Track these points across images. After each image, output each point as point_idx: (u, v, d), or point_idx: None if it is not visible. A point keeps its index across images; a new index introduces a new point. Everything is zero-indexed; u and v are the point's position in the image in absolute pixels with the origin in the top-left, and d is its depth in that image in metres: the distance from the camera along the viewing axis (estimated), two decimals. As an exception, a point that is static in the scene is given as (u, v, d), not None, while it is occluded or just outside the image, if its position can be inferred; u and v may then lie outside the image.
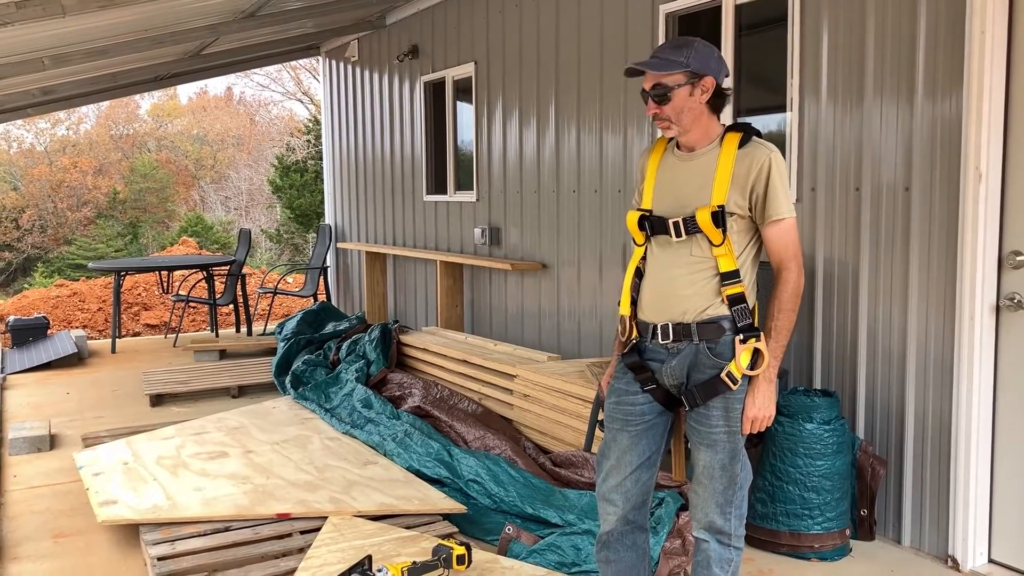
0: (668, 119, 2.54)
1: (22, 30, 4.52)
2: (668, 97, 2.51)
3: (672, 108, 2.52)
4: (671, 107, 2.52)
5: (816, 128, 4.10)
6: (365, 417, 5.40)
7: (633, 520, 2.71)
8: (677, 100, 2.52)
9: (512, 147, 6.47)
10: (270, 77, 27.50)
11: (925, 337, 3.67)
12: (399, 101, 8.24)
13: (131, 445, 4.98)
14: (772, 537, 3.72)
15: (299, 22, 7.60)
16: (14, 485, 4.76)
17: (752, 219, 2.53)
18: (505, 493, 4.08)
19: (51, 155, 27.96)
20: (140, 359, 8.32)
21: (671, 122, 2.54)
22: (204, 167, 30.05)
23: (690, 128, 2.55)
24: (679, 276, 2.55)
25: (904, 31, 3.67)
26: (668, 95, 2.51)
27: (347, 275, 9.76)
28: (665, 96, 2.51)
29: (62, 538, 4.02)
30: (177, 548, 3.60)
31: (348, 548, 3.54)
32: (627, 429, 2.66)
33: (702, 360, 2.52)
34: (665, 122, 2.55)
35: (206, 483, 4.32)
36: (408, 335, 6.72)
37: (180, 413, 6.14)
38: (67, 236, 25.02)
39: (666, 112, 2.53)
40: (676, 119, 2.54)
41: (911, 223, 3.69)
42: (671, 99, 2.52)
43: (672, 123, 2.54)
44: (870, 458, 3.79)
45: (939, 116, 3.56)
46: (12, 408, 6.47)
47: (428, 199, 7.81)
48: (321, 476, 4.43)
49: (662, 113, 2.53)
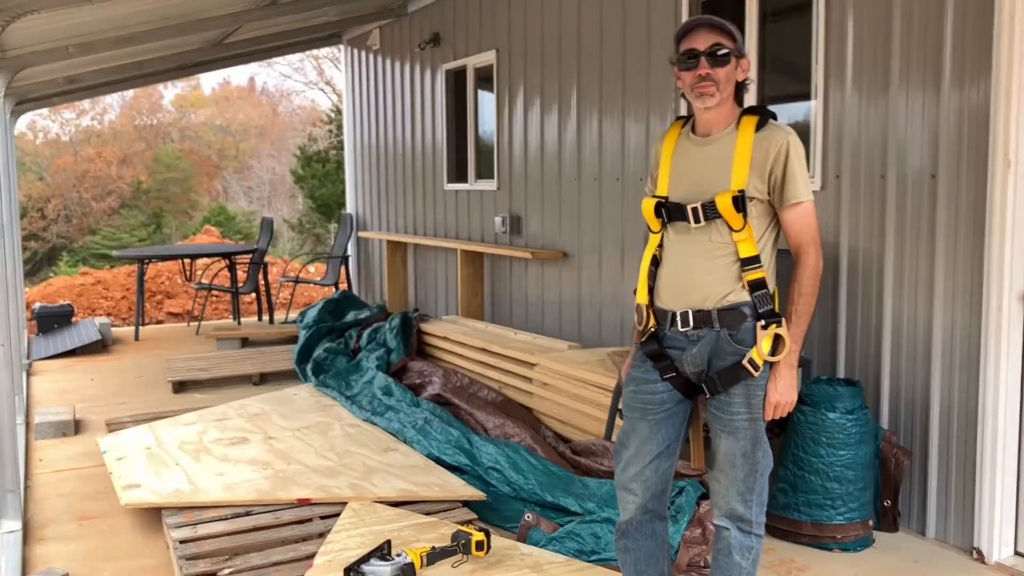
0: (717, 83, 2.47)
1: (48, 17, 4.55)
2: (726, 59, 2.47)
3: (725, 72, 2.47)
4: (724, 71, 2.47)
5: (841, 115, 4.05)
6: (385, 404, 5.41)
7: (652, 509, 2.70)
8: (729, 67, 2.48)
9: (533, 135, 6.45)
10: (292, 67, 27.56)
11: (951, 326, 3.62)
12: (420, 89, 8.24)
13: (154, 430, 5.03)
14: (794, 527, 3.70)
15: (321, 10, 7.61)
16: (40, 469, 4.82)
17: (770, 203, 2.50)
18: (524, 481, 4.07)
19: (76, 145, 28.20)
20: (163, 346, 8.40)
21: (718, 88, 2.47)
22: (227, 157, 30.20)
23: (723, 103, 2.51)
24: (699, 263, 2.52)
25: (931, 17, 3.61)
26: (728, 57, 2.47)
27: (368, 264, 9.79)
28: (725, 57, 2.46)
29: (86, 521, 4.07)
30: (199, 531, 3.64)
31: (368, 533, 3.55)
32: (646, 418, 2.64)
33: (723, 347, 2.50)
34: (712, 86, 2.46)
35: (228, 468, 4.35)
36: (428, 323, 6.73)
37: (202, 400, 6.19)
38: (92, 226, 25.24)
39: (719, 75, 2.46)
40: (722, 86, 2.48)
41: (937, 211, 3.64)
42: (727, 62, 2.47)
43: (718, 89, 2.47)
44: (894, 448, 3.75)
45: (967, 103, 3.50)
46: (38, 394, 6.55)
47: (449, 188, 7.80)
48: (341, 462, 4.45)
49: (714, 75, 2.46)
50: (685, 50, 2.50)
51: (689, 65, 2.49)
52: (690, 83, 2.50)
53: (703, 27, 2.49)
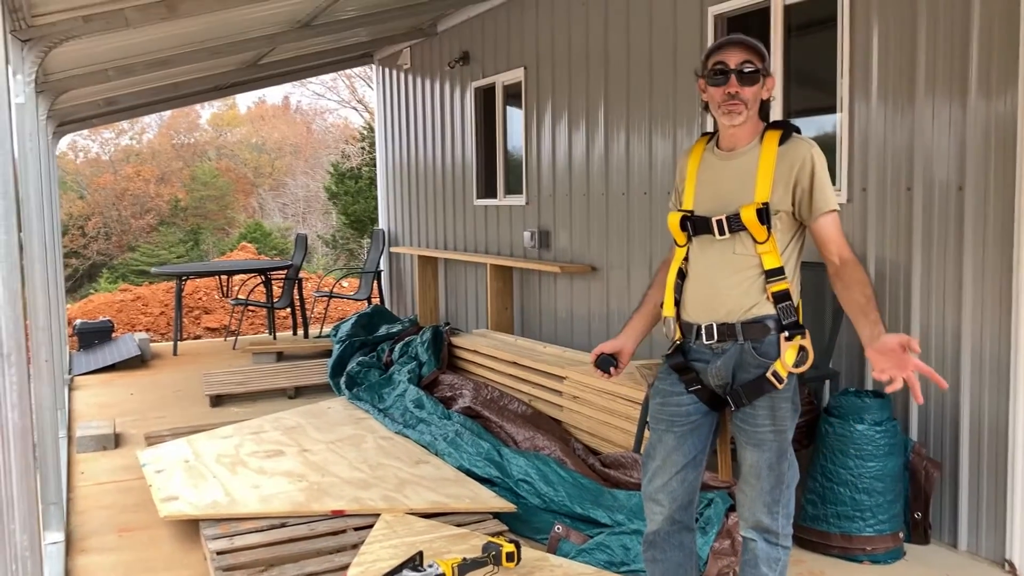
0: (746, 101, 2.51)
1: (88, 42, 4.71)
2: (755, 78, 2.51)
3: (752, 92, 2.51)
4: (752, 90, 2.51)
5: (867, 128, 4.06)
6: (417, 417, 5.48)
7: (680, 520, 2.72)
8: (757, 86, 2.52)
9: (561, 151, 6.51)
10: (325, 86, 27.96)
11: (980, 338, 3.61)
12: (450, 107, 8.35)
13: (191, 444, 5.14)
14: (823, 539, 3.70)
15: (353, 31, 7.76)
16: (82, 481, 4.94)
17: (794, 215, 2.53)
18: (555, 493, 4.11)
19: (115, 164, 28.78)
20: (201, 361, 8.55)
21: (746, 106, 2.51)
22: (262, 175, 30.64)
23: (748, 121, 2.55)
24: (723, 276, 2.56)
25: (956, 29, 3.63)
26: (757, 75, 2.51)
27: (400, 279, 9.90)
28: (754, 76, 2.50)
29: (126, 532, 4.17)
30: (235, 543, 3.71)
31: (400, 544, 3.61)
32: (673, 430, 2.67)
33: (747, 360, 2.52)
34: (741, 104, 2.50)
35: (263, 480, 4.44)
36: (459, 337, 6.79)
37: (239, 413, 6.30)
38: (131, 243, 25.73)
39: (747, 94, 2.50)
40: (750, 104, 2.52)
41: (964, 223, 3.63)
42: (755, 81, 2.51)
43: (746, 107, 2.51)
44: (923, 460, 3.74)
45: (993, 114, 3.51)
46: (79, 408, 6.71)
47: (478, 203, 7.89)
48: (374, 474, 4.52)
49: (743, 93, 2.50)
50: (715, 65, 2.54)
51: (718, 81, 2.53)
52: (719, 100, 2.53)
53: (735, 46, 2.53)
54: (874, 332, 2.32)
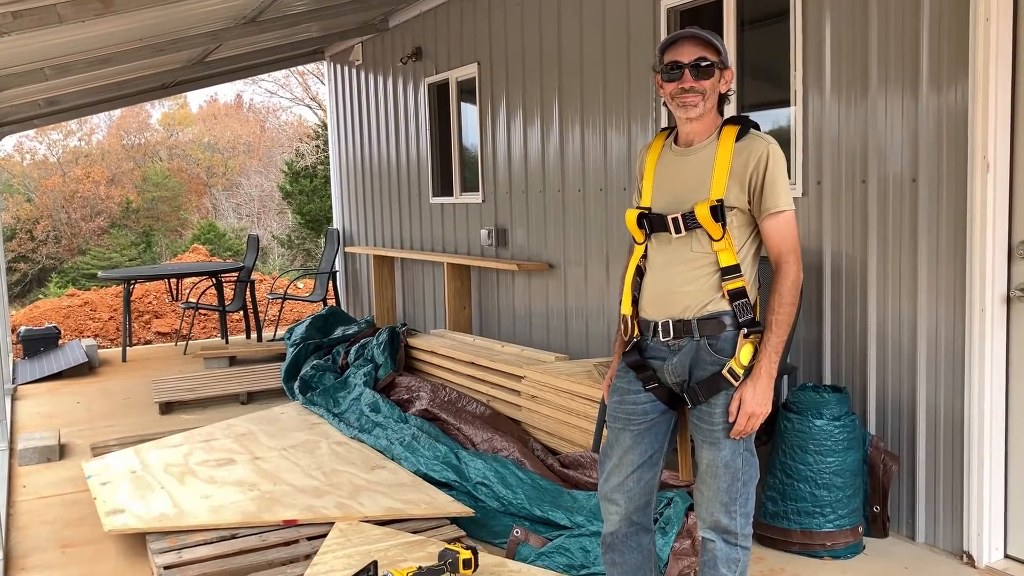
0: (703, 93, 2.47)
1: (19, 40, 4.53)
2: (710, 71, 2.47)
3: (710, 84, 2.48)
4: (708, 84, 2.48)
5: (820, 121, 4.04)
6: (373, 421, 5.37)
7: (637, 521, 2.68)
8: (712, 79, 2.48)
9: (517, 147, 6.44)
10: (278, 84, 27.62)
11: (935, 330, 3.61)
12: (403, 104, 8.23)
13: (139, 453, 4.98)
14: (784, 536, 3.67)
15: (302, 26, 7.60)
16: (24, 495, 4.77)
17: (751, 213, 2.49)
18: (513, 495, 4.04)
19: (64, 166, 28.13)
20: (151, 367, 8.34)
21: (703, 97, 2.48)
22: (216, 175, 30.17)
23: (705, 113, 2.51)
24: (679, 273, 2.51)
25: (907, 21, 3.62)
26: (711, 69, 2.47)
27: (356, 279, 9.76)
28: (708, 70, 2.47)
29: (70, 548, 4.02)
30: (184, 556, 3.59)
31: (354, 554, 3.51)
32: (629, 428, 2.62)
33: (703, 357, 2.48)
34: (697, 96, 2.47)
35: (213, 490, 4.31)
36: (416, 338, 6.70)
37: (189, 420, 6.14)
38: (81, 246, 25.16)
39: (702, 86, 2.47)
40: (707, 95, 2.48)
41: (919, 215, 3.63)
42: (710, 75, 2.48)
43: (703, 99, 2.48)
44: (882, 454, 3.74)
45: (945, 106, 3.50)
46: (23, 419, 6.49)
47: (434, 201, 7.79)
48: (329, 481, 4.41)
49: (699, 86, 2.47)
50: (669, 62, 2.50)
51: (672, 76, 2.50)
52: (671, 93, 2.50)
53: (688, 40, 2.50)
54: (757, 367, 2.43)
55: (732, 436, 2.46)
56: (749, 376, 2.44)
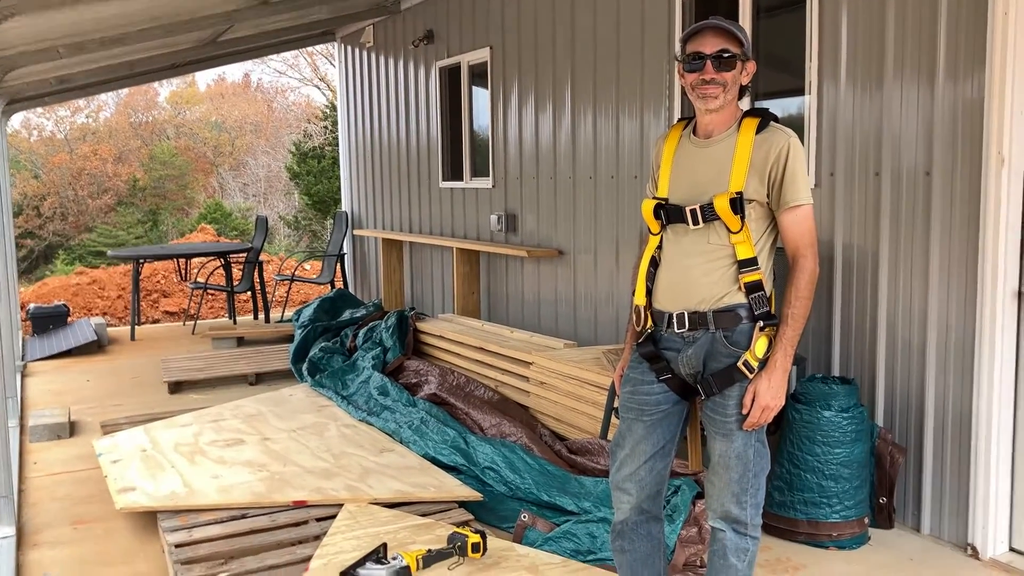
0: (724, 85, 2.46)
1: (36, 18, 4.52)
2: (732, 63, 2.46)
3: (731, 76, 2.47)
4: (730, 75, 2.47)
5: (835, 112, 4.03)
6: (381, 404, 5.40)
7: (648, 510, 2.69)
8: (734, 71, 2.47)
9: (528, 133, 6.43)
10: (287, 63, 27.50)
11: (945, 324, 3.62)
12: (414, 87, 8.21)
13: (149, 432, 5.01)
14: (790, 525, 3.70)
15: (313, 8, 7.57)
16: (35, 472, 4.81)
17: (770, 206, 2.49)
18: (521, 480, 4.07)
19: (71, 143, 28.12)
20: (159, 346, 8.38)
21: (724, 89, 2.47)
22: (223, 154, 30.13)
23: (726, 105, 2.50)
24: (696, 264, 2.51)
25: (925, 13, 3.60)
26: (733, 61, 2.46)
27: (364, 262, 9.77)
28: (731, 62, 2.46)
29: (81, 525, 4.06)
30: (194, 535, 3.63)
31: (363, 535, 3.55)
32: (642, 419, 2.63)
33: (718, 349, 2.49)
34: (718, 88, 2.46)
35: (223, 470, 4.34)
36: (424, 322, 6.72)
37: (198, 400, 6.18)
38: (88, 224, 25.19)
39: (724, 78, 2.46)
40: (728, 87, 2.47)
41: (932, 208, 3.63)
42: (732, 67, 2.47)
43: (723, 91, 2.47)
44: (889, 446, 3.75)
45: (960, 99, 3.49)
46: (32, 395, 6.53)
47: (444, 185, 7.79)
48: (337, 463, 4.44)
49: (720, 78, 2.45)
50: (691, 52, 2.49)
51: (694, 67, 2.49)
52: (692, 83, 2.50)
53: (711, 30, 2.48)
54: (772, 360, 2.44)
55: (745, 428, 2.48)
56: (764, 369, 2.45)
